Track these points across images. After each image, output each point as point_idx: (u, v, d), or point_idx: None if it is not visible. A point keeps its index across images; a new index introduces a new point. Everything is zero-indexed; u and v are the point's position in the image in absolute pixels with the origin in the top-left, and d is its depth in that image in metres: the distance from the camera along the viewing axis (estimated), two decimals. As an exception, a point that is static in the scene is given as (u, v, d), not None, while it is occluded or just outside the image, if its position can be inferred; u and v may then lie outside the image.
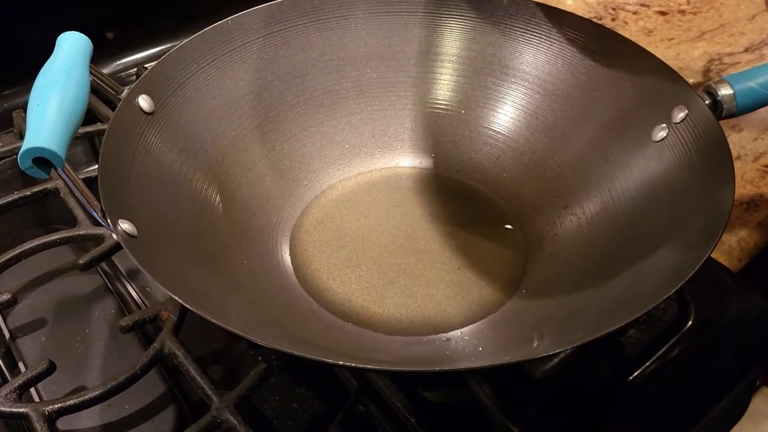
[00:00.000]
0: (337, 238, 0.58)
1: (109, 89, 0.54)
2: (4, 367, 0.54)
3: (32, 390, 0.50)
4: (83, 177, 0.54)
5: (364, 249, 0.57)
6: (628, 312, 0.38)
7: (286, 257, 0.57)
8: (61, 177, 0.44)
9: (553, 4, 0.63)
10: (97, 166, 0.70)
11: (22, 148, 0.42)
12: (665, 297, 0.38)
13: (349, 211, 0.61)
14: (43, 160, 0.43)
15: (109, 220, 0.43)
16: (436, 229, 0.59)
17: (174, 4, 0.87)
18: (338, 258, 0.57)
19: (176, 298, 0.39)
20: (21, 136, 0.69)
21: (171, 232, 0.49)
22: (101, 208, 0.44)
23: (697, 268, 0.39)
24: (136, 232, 0.44)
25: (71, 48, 0.50)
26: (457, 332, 0.51)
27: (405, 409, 0.46)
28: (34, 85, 0.47)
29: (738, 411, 0.59)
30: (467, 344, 0.50)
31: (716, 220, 0.43)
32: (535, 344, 0.46)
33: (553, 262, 0.54)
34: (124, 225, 0.44)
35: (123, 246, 0.42)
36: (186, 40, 0.57)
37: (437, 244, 0.58)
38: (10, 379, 0.49)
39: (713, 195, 0.45)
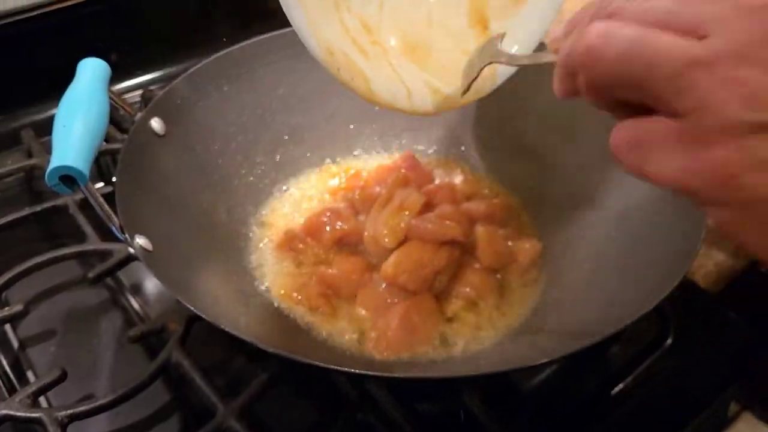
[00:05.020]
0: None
1: (125, 111, 0.56)
2: (12, 376, 0.56)
3: (41, 397, 0.52)
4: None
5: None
6: (608, 327, 0.42)
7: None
8: (84, 193, 0.46)
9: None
10: (102, 185, 0.73)
11: (50, 166, 0.45)
12: (647, 310, 0.41)
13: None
14: (68, 177, 0.45)
15: (127, 235, 0.46)
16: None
17: (175, 31, 0.90)
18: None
19: (192, 308, 0.42)
20: (29, 154, 0.71)
21: (182, 246, 0.51)
22: (119, 224, 0.46)
23: (675, 284, 0.42)
24: (151, 246, 0.47)
25: (92, 73, 0.53)
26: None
27: (401, 417, 0.48)
28: (59, 107, 0.50)
29: (715, 426, 0.62)
30: (468, 362, 0.52)
31: (692, 239, 0.46)
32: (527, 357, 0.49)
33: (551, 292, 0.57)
34: (141, 240, 0.46)
35: (141, 260, 0.45)
36: (196, 66, 0.60)
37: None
38: (18, 388, 0.51)
39: (688, 216, 0.48)
